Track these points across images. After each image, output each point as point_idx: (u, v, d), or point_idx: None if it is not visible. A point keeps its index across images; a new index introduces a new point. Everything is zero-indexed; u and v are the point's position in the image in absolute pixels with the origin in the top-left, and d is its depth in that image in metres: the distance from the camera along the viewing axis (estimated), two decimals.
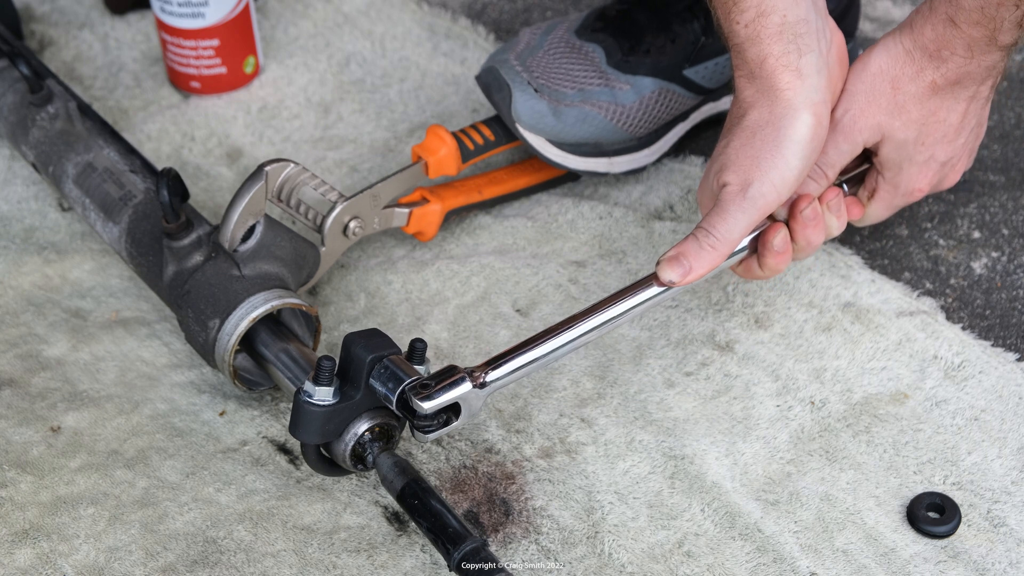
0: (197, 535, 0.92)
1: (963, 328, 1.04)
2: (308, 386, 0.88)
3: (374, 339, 0.89)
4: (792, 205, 0.95)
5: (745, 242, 0.95)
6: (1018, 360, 1.02)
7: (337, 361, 0.89)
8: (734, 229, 0.92)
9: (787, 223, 0.96)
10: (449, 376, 0.87)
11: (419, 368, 0.89)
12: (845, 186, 1.01)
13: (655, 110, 1.14)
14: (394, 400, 0.86)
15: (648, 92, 1.13)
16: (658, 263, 0.92)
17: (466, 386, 0.86)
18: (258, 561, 0.90)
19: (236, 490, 0.95)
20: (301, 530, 0.92)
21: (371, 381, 0.87)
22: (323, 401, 0.87)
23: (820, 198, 0.97)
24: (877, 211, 1.02)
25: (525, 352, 0.89)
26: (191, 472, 0.96)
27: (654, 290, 0.92)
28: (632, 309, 0.92)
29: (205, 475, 0.96)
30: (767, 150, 0.92)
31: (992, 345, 1.03)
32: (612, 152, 1.14)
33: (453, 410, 0.87)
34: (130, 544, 0.91)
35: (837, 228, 0.98)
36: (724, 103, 1.21)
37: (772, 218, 0.96)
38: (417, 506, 0.86)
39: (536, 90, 1.11)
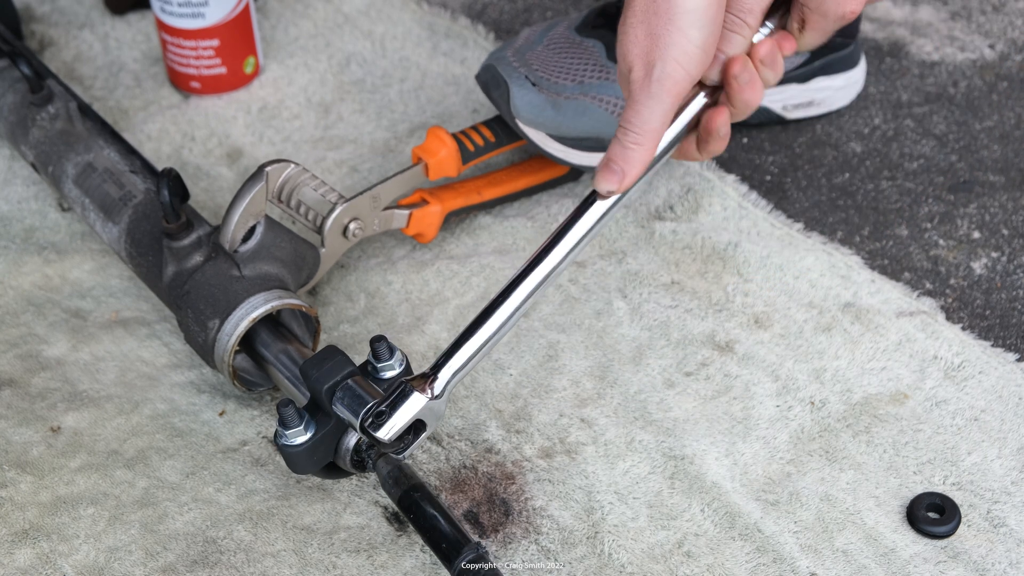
0: (197, 535, 0.92)
1: (963, 328, 1.05)
2: (280, 431, 0.87)
3: (327, 362, 0.87)
4: (725, 71, 0.87)
5: (680, 125, 0.87)
6: (1018, 360, 1.02)
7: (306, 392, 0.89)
8: (651, 119, 0.84)
9: (720, 87, 0.87)
10: (400, 397, 0.83)
11: (390, 363, 0.89)
12: (770, 23, 0.91)
13: None
14: (358, 430, 0.85)
15: None
16: (593, 179, 0.87)
17: (418, 400, 0.83)
18: (258, 561, 0.90)
19: (236, 490, 0.95)
20: (301, 530, 0.92)
21: (335, 408, 0.87)
22: (298, 441, 0.87)
23: (751, 54, 0.88)
24: (811, 40, 0.93)
25: (470, 339, 0.84)
26: (191, 472, 0.96)
27: (599, 208, 0.86)
28: (582, 239, 0.86)
29: (205, 475, 0.96)
30: (662, 25, 0.84)
31: (992, 345, 1.03)
32: None
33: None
34: (130, 544, 0.91)
35: (774, 78, 0.90)
36: None
37: (701, 84, 0.89)
38: (414, 516, 0.86)
39: (534, 83, 1.11)
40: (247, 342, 0.98)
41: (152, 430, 0.99)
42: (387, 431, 0.82)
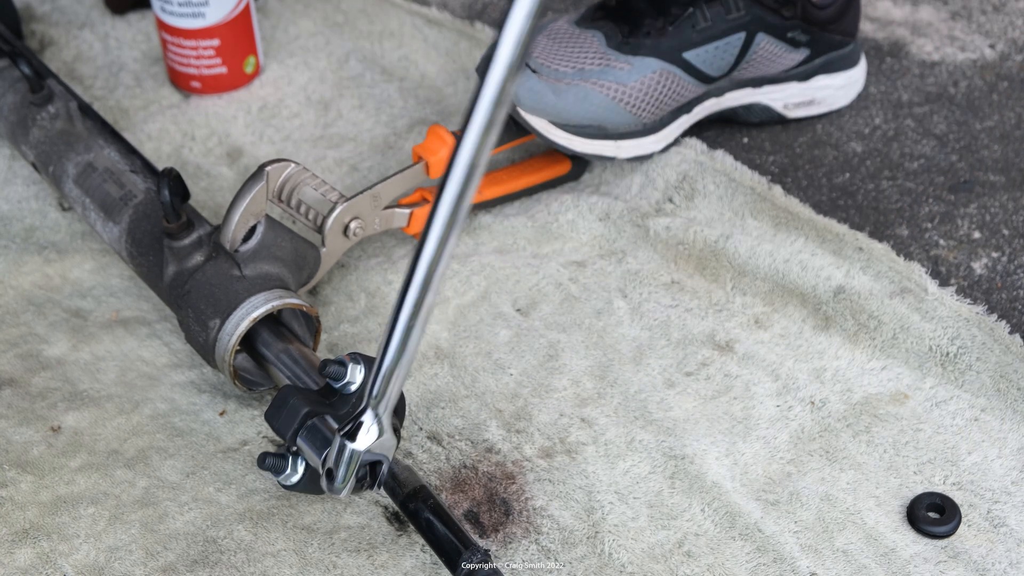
0: (197, 535, 0.92)
1: (955, 294, 1.05)
2: (275, 477, 0.89)
3: (283, 409, 0.87)
4: None
5: None
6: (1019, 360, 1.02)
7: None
8: None
9: None
10: (340, 454, 0.83)
11: (347, 380, 0.88)
12: None
13: (657, 92, 1.14)
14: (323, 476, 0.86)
15: (649, 72, 1.14)
16: None
17: (356, 454, 0.82)
18: (258, 561, 0.90)
19: (236, 490, 0.95)
20: (301, 530, 0.92)
21: (303, 455, 0.88)
22: (294, 481, 0.88)
23: None
24: None
25: (383, 364, 0.81)
26: (191, 472, 0.96)
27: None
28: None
29: (205, 475, 0.96)
30: None
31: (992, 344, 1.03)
32: (617, 136, 1.15)
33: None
34: (130, 544, 0.91)
35: None
36: (728, 99, 1.21)
37: None
38: (417, 519, 0.86)
39: (534, 70, 1.11)
40: (248, 342, 0.98)
41: (152, 430, 0.99)
42: (341, 489, 0.83)
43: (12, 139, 1.17)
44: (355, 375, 0.89)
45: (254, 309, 0.96)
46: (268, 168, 1.00)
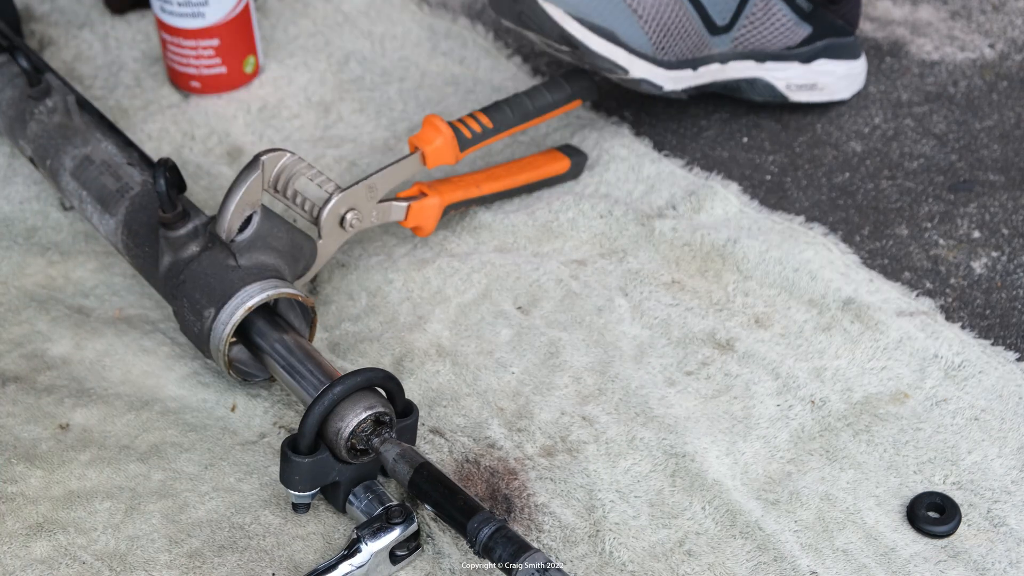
0: (222, 521, 0.92)
1: (963, 328, 1.05)
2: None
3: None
4: None
5: None
6: (1018, 360, 1.02)
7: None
8: None
9: None
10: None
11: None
12: None
13: (667, 17, 1.14)
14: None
15: None
16: None
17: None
18: (288, 544, 0.90)
19: (259, 479, 0.95)
20: (332, 514, 0.92)
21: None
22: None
23: None
24: None
25: None
26: (209, 464, 0.96)
27: None
28: None
29: (224, 466, 0.95)
30: None
31: (992, 344, 1.03)
32: (630, 50, 1.14)
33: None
34: (151, 533, 0.91)
35: None
36: (731, 69, 1.21)
37: None
38: (425, 493, 0.87)
39: None
40: (243, 332, 0.98)
41: (164, 426, 0.99)
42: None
43: (10, 134, 1.16)
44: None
45: (249, 298, 0.96)
46: (264, 157, 1.00)
